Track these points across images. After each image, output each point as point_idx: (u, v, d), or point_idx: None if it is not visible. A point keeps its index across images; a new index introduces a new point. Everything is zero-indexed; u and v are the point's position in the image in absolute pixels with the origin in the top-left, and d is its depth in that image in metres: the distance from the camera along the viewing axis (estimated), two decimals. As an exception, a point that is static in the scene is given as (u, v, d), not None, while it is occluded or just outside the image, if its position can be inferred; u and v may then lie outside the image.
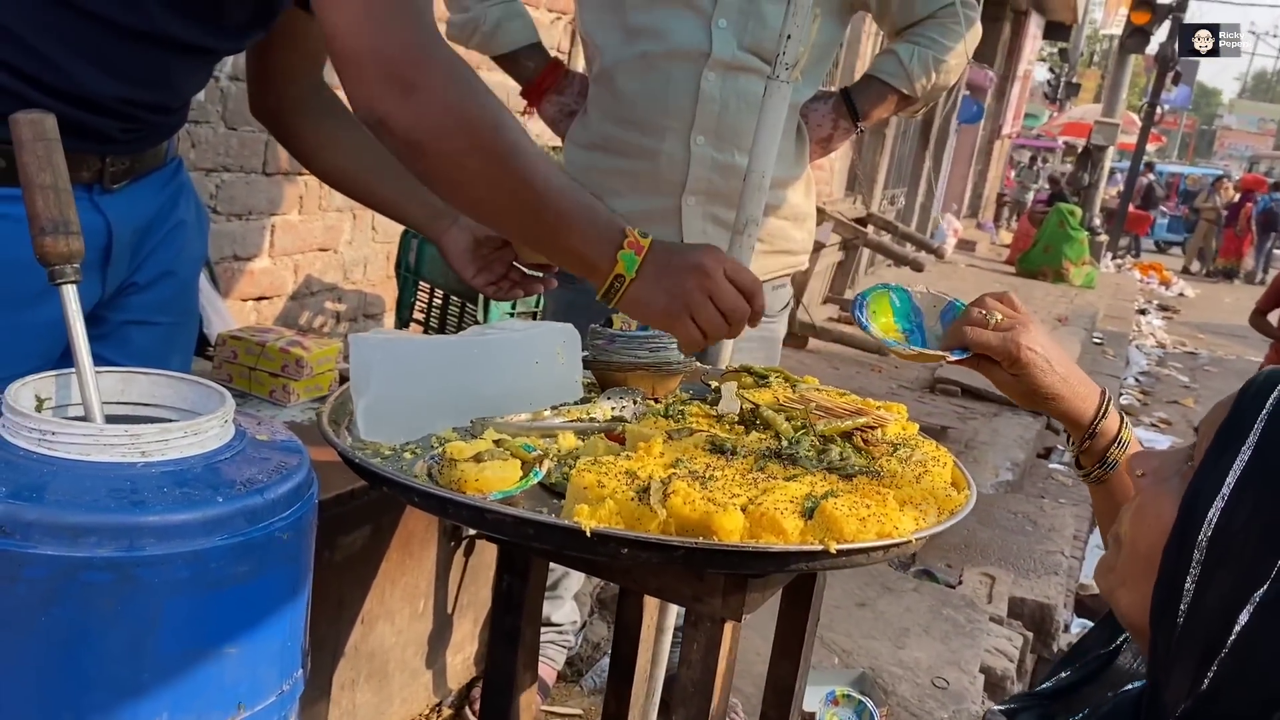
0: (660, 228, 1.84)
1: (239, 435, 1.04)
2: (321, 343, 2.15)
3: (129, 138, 1.23)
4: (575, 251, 1.15)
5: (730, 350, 1.83)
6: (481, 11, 1.90)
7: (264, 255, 2.71)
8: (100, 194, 1.22)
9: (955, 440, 5.66)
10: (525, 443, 1.21)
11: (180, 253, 1.37)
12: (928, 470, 1.26)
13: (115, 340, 1.30)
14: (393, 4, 1.00)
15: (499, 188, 1.07)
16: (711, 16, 1.77)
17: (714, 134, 1.82)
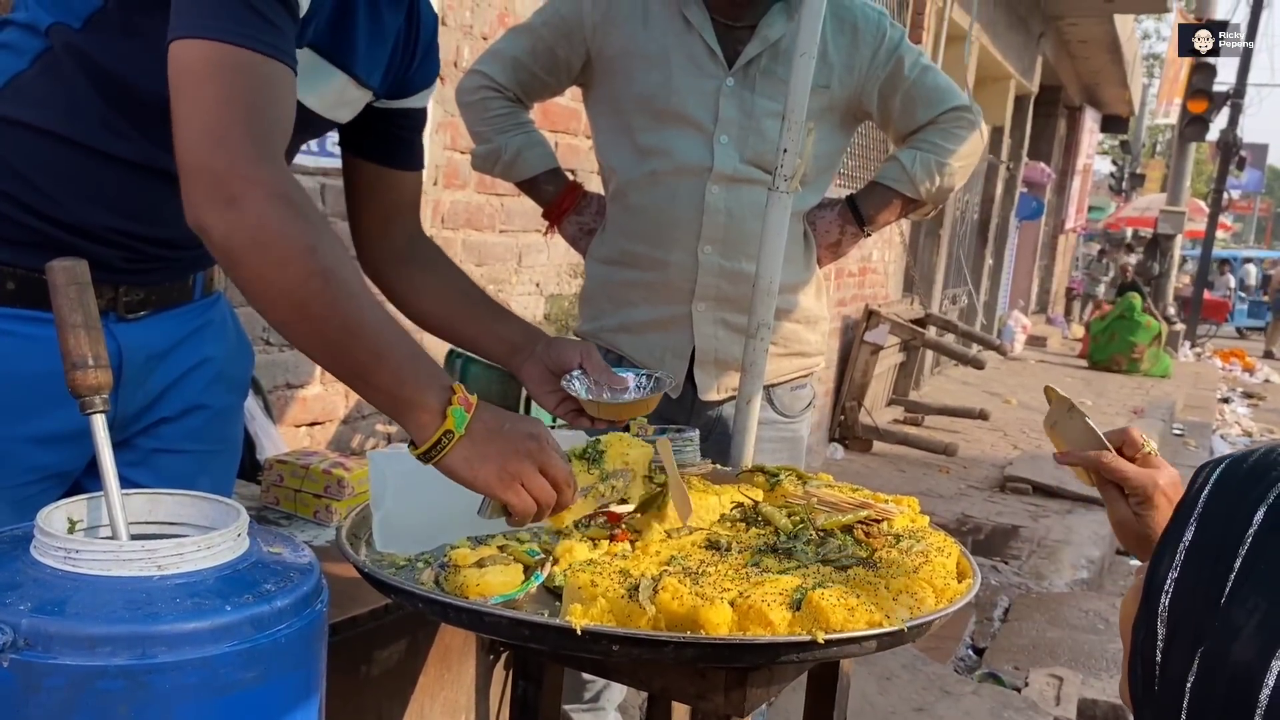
0: (673, 334, 1.91)
1: (252, 548, 1.11)
2: (363, 462, 2.24)
3: (136, 269, 1.28)
4: (389, 392, 1.10)
5: (750, 450, 1.86)
6: (503, 142, 2.02)
7: (315, 382, 2.83)
8: (115, 322, 1.27)
9: (1028, 539, 5.53)
10: (530, 548, 1.25)
11: (210, 386, 1.41)
12: (929, 560, 1.27)
13: (147, 467, 1.37)
14: (227, 125, 1.04)
15: (304, 311, 1.06)
16: (714, 133, 1.87)
17: (721, 243, 1.89)
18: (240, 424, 1.59)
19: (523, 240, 3.57)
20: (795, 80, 1.69)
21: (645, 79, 1.87)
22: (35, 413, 1.21)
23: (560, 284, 3.82)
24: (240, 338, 1.52)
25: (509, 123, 2.02)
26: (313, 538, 2.04)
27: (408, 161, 1.53)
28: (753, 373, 1.81)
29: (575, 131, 3.73)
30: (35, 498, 1.26)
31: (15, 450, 1.24)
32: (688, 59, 1.86)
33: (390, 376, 1.09)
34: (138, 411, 1.35)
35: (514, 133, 2.02)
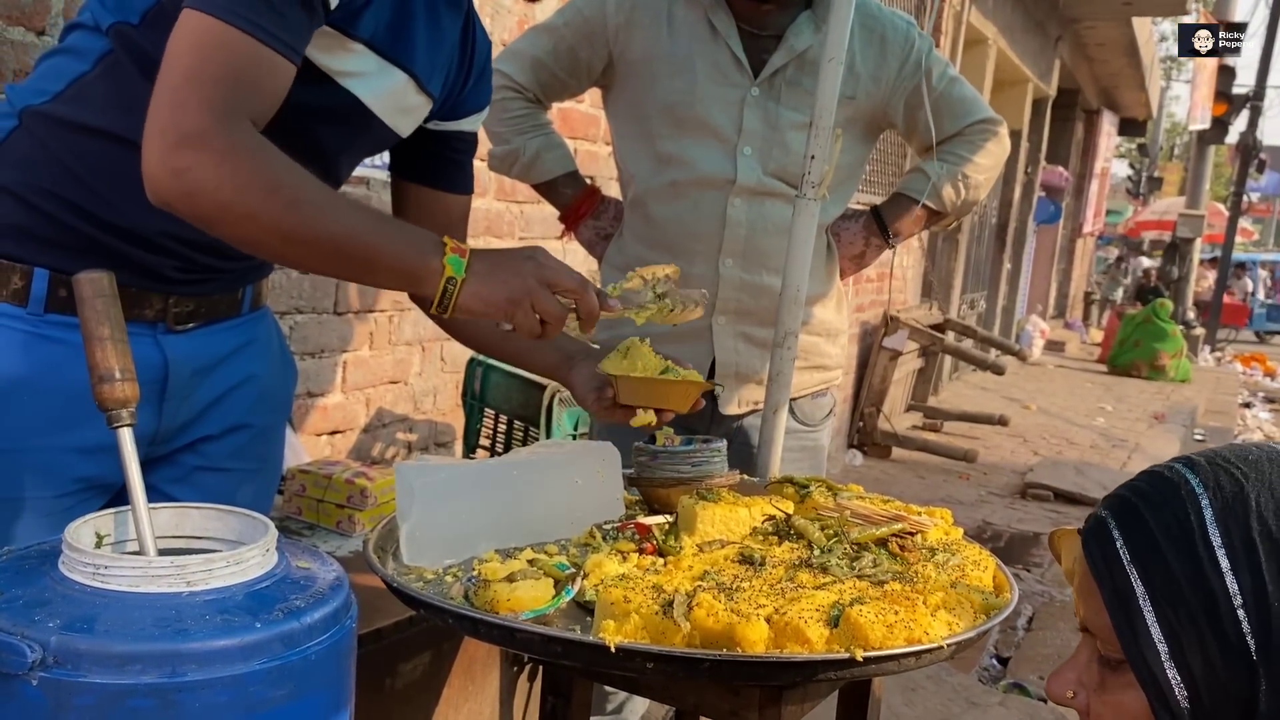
0: (692, 346, 1.89)
1: (281, 563, 1.09)
2: (386, 472, 2.22)
3: (188, 279, 1.28)
4: (395, 270, 1.18)
5: (778, 461, 1.84)
6: (521, 144, 2.00)
7: (336, 390, 2.82)
8: (164, 333, 1.27)
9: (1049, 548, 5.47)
10: (559, 561, 1.23)
11: (254, 405, 1.40)
12: (966, 574, 1.25)
13: (189, 483, 1.36)
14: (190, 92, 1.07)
15: (293, 243, 1.13)
16: (736, 144, 1.85)
17: (741, 256, 1.88)
18: (282, 442, 1.57)
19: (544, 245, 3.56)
20: (823, 86, 1.67)
21: (668, 85, 1.85)
22: (80, 423, 1.20)
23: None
24: (284, 355, 1.51)
25: (528, 124, 2.00)
26: (336, 548, 2.03)
27: (459, 184, 1.56)
28: (779, 382, 1.79)
29: (594, 138, 3.72)
30: (75, 509, 1.25)
31: (59, 461, 1.23)
32: (712, 67, 1.84)
33: (391, 263, 1.17)
34: (181, 425, 1.34)
35: (533, 134, 2.00)
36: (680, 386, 1.48)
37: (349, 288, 2.74)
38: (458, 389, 3.15)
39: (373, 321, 2.86)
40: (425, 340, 3.06)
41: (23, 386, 1.20)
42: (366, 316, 2.84)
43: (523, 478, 1.43)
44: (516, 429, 2.78)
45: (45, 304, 1.21)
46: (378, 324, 2.88)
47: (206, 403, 1.36)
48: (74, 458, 1.24)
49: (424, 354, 3.08)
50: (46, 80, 1.22)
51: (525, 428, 2.76)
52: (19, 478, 1.23)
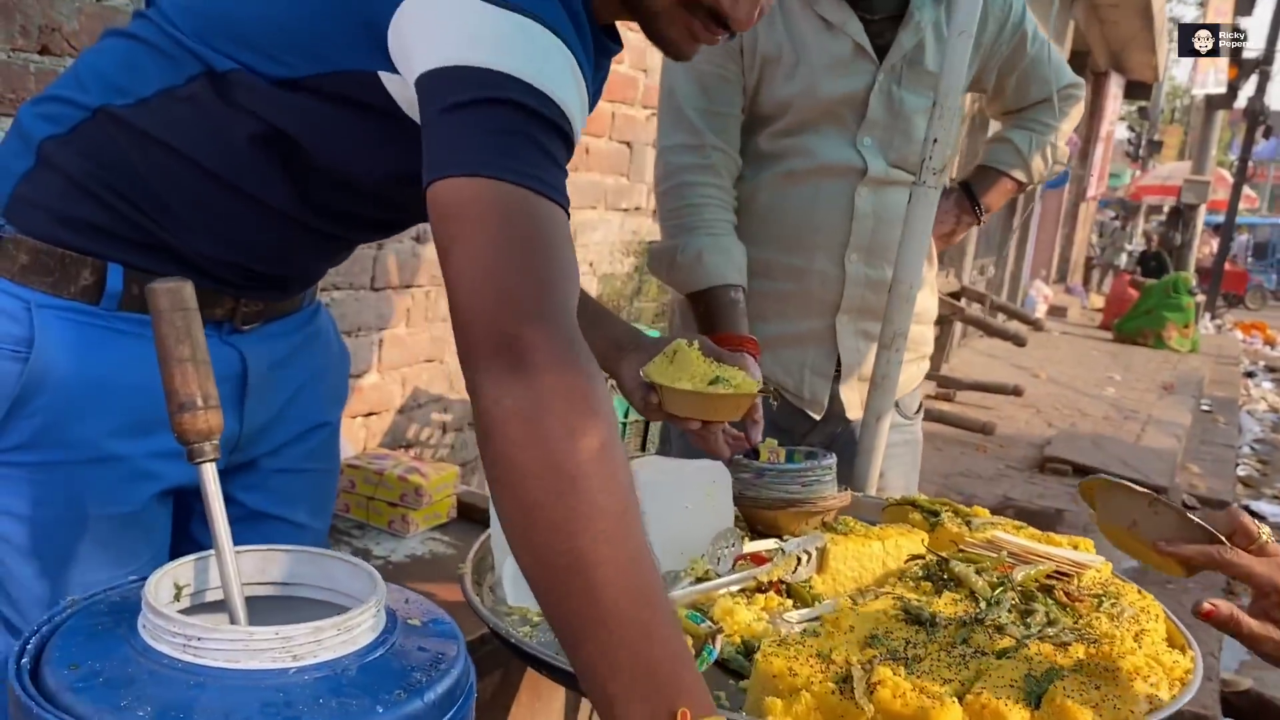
0: (814, 349, 1.73)
1: (390, 622, 0.94)
2: (439, 468, 2.08)
3: (258, 286, 1.17)
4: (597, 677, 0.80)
5: (879, 459, 1.70)
6: (683, 242, 1.65)
7: (373, 371, 2.66)
8: (230, 332, 1.15)
9: (1072, 525, 5.38)
10: (691, 612, 1.09)
11: (328, 401, 1.32)
12: (1144, 629, 1.11)
13: (263, 489, 1.25)
14: (510, 273, 0.85)
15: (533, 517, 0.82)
16: (856, 134, 1.68)
17: (866, 250, 1.71)
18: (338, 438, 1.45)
19: (577, 218, 3.39)
20: (951, 62, 1.51)
21: (787, 84, 1.65)
22: (163, 424, 1.06)
23: (614, 263, 3.64)
24: (341, 346, 1.39)
25: (698, 218, 1.65)
26: (390, 552, 1.89)
27: None
28: (884, 386, 1.65)
29: (632, 101, 3.53)
30: (143, 517, 1.13)
31: (142, 469, 1.10)
32: (831, 59, 1.65)
33: (608, 659, 0.78)
34: (262, 428, 1.22)
35: (701, 232, 1.64)
36: (730, 400, 1.33)
37: (387, 261, 2.57)
38: (493, 367, 2.99)
39: (410, 297, 2.70)
40: (461, 316, 2.90)
41: (99, 388, 1.06)
42: (404, 292, 2.67)
43: (630, 503, 1.27)
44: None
45: (119, 301, 1.07)
46: (415, 300, 2.72)
47: (283, 402, 1.24)
48: (158, 464, 1.10)
49: (460, 331, 2.93)
50: (130, 78, 1.05)
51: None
52: (96, 493, 1.08)
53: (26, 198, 1.07)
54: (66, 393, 1.04)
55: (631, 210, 3.67)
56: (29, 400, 1.03)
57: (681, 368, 1.34)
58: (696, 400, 1.31)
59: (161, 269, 1.05)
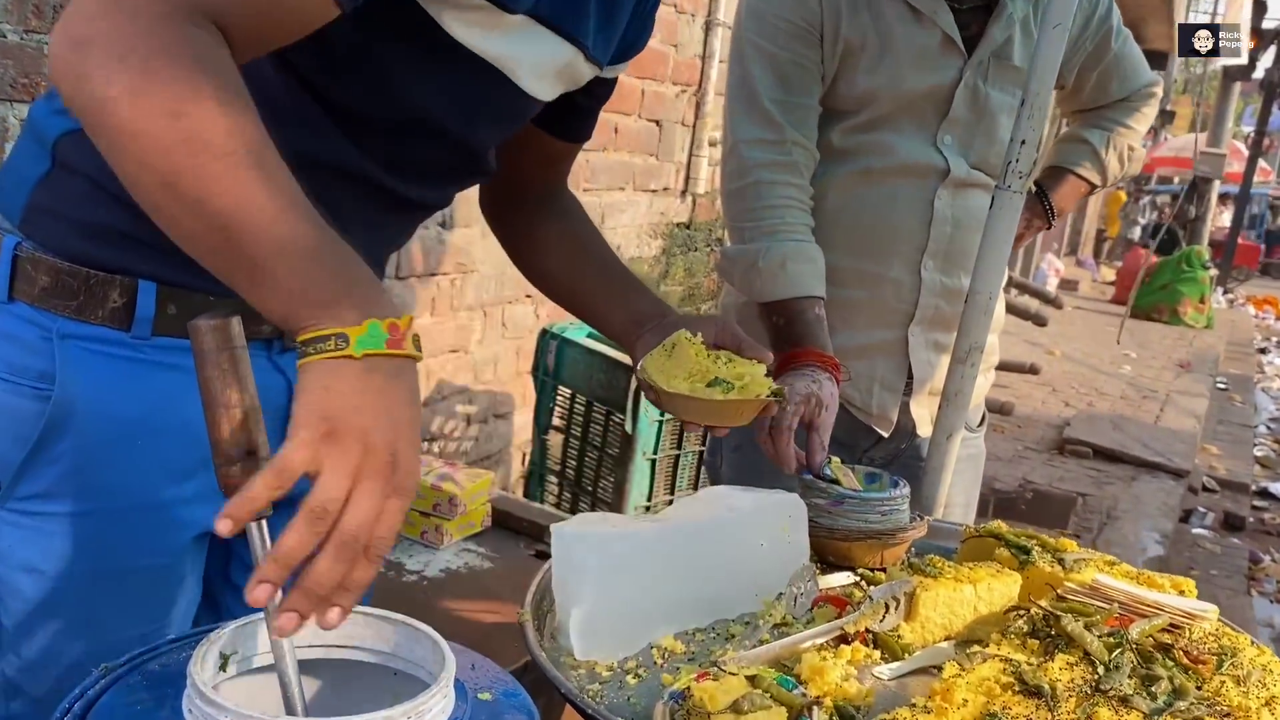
0: (883, 362, 1.62)
1: (461, 699, 0.85)
2: (473, 475, 1.98)
3: None
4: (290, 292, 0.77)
5: (948, 480, 1.60)
6: (763, 246, 1.51)
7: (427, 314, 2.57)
8: (279, 353, 1.05)
9: (1095, 509, 5.30)
10: (781, 675, 0.99)
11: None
12: (1275, 696, 1.02)
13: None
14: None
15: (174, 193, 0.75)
16: (937, 132, 1.55)
17: (943, 257, 1.60)
18: None
19: (605, 199, 3.27)
20: (1043, 58, 1.40)
21: (869, 75, 1.52)
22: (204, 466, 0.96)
23: (641, 246, 3.52)
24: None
25: (780, 220, 1.52)
26: (424, 564, 1.80)
27: (578, 132, 1.29)
28: (957, 403, 1.54)
29: (662, 78, 3.40)
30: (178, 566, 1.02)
31: (181, 516, 0.99)
32: (918, 50, 1.52)
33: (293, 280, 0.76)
34: None
35: (783, 237, 1.51)
36: (731, 406, 1.18)
37: (411, 248, 2.46)
38: (518, 356, 2.89)
39: (435, 286, 2.59)
40: (487, 305, 2.80)
41: (131, 430, 0.95)
42: (429, 281, 2.56)
43: (703, 543, 1.18)
44: (596, 411, 2.53)
45: (152, 325, 0.95)
46: (440, 289, 2.61)
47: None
48: (196, 509, 1.00)
49: (485, 319, 2.82)
50: None
51: (607, 412, 2.51)
52: (129, 544, 0.98)
53: (45, 206, 0.95)
54: (95, 435, 0.94)
55: (660, 191, 3.55)
56: (51, 444, 0.93)
57: (679, 364, 1.18)
58: (693, 404, 1.16)
59: (198, 281, 0.92)
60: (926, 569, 1.21)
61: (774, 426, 1.35)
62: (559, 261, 1.29)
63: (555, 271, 1.30)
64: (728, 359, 1.19)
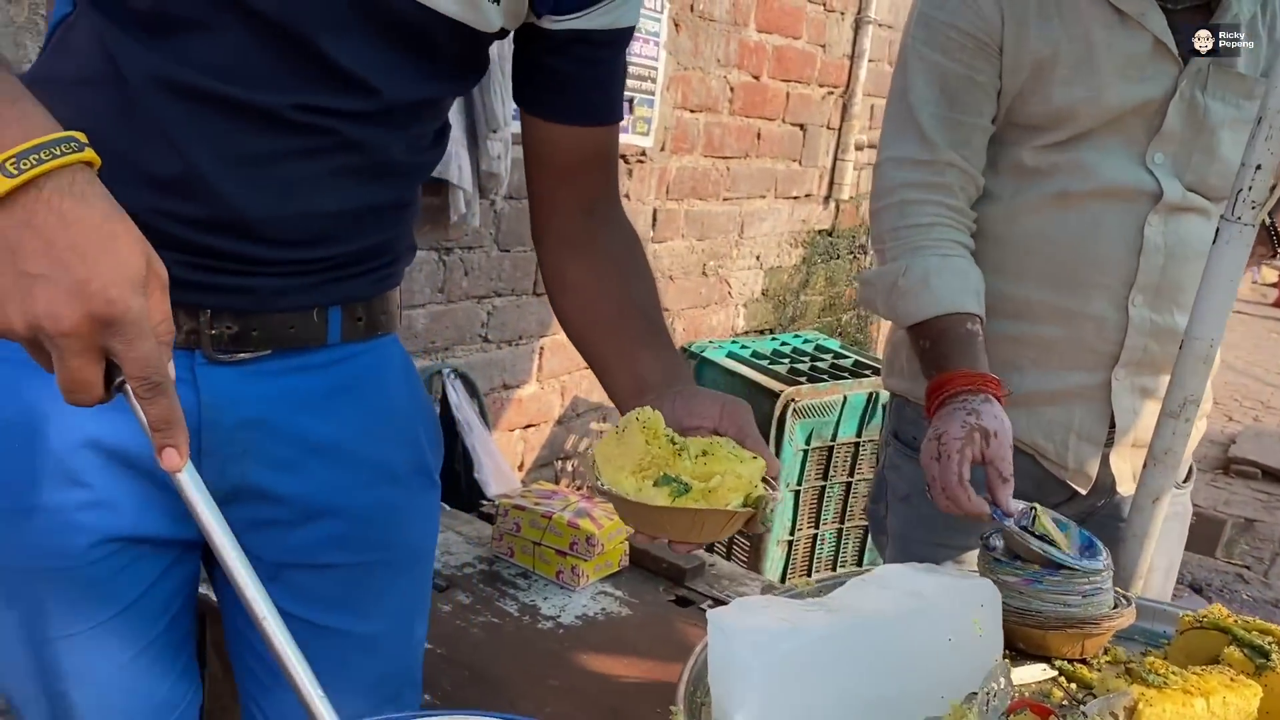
0: (1081, 409, 1.42)
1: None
2: (612, 511, 1.87)
3: (213, 282, 0.87)
4: None
5: (1151, 548, 1.41)
6: (907, 263, 1.34)
7: (532, 380, 2.48)
8: (202, 363, 0.88)
9: (1267, 538, 4.90)
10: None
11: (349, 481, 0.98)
12: None
13: (280, 583, 0.98)
14: None
15: None
16: (1146, 149, 1.35)
17: (1154, 292, 1.39)
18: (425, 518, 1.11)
19: (746, 208, 3.13)
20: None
21: (1065, 89, 1.33)
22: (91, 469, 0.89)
23: (780, 255, 3.37)
24: (414, 403, 1.07)
25: (929, 236, 1.36)
26: (560, 609, 1.70)
27: (583, 112, 1.01)
28: (1167, 462, 1.35)
29: (809, 79, 3.23)
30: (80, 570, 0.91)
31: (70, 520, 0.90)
32: (1124, 58, 1.33)
33: None
34: (232, 493, 0.94)
35: (930, 251, 1.34)
36: (683, 518, 0.84)
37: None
38: (655, 373, 2.78)
39: (572, 302, 2.50)
40: (624, 320, 2.69)
41: (13, 429, 0.88)
42: (566, 298, 2.47)
43: (878, 637, 1.03)
44: (738, 438, 2.40)
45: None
46: (577, 305, 2.52)
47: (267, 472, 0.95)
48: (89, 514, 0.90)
49: (622, 335, 2.72)
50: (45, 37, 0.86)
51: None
52: (35, 541, 0.90)
53: None
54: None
55: (802, 198, 3.39)
56: None
57: (628, 451, 0.87)
58: (629, 509, 0.85)
59: None
60: (1147, 676, 1.03)
61: (942, 481, 1.19)
62: (575, 305, 1.06)
63: (570, 316, 1.06)
64: (701, 451, 0.86)
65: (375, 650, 1.03)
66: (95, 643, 0.93)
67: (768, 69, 3.05)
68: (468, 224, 2.14)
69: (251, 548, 0.97)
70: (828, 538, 2.57)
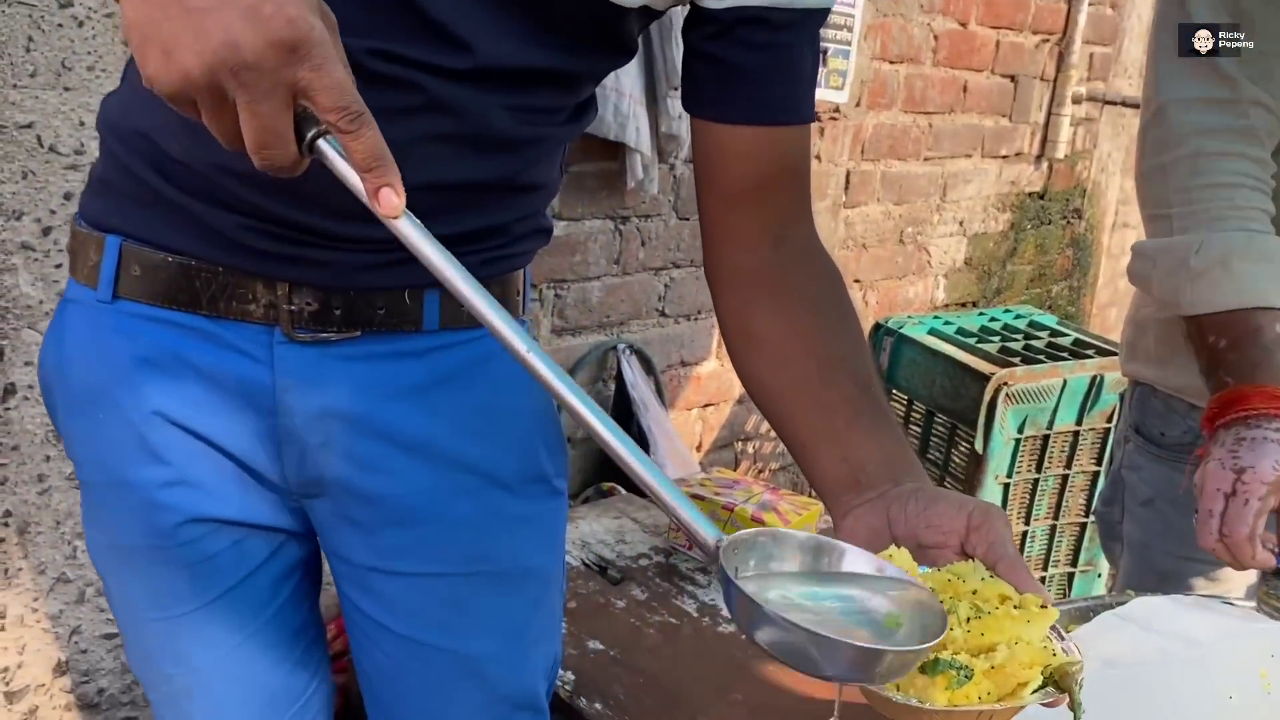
0: None
1: None
2: (800, 505, 1.71)
3: (285, 252, 0.77)
4: None
5: None
6: (1203, 237, 1.10)
7: (711, 357, 2.33)
8: (281, 340, 0.79)
9: None
10: None
11: (450, 488, 0.86)
12: None
13: (369, 591, 0.90)
14: None
15: None
16: None
17: None
18: (544, 531, 0.95)
19: (949, 168, 2.87)
20: None
21: None
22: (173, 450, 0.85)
23: (986, 220, 3.09)
24: (530, 401, 0.90)
25: (1230, 204, 1.11)
26: (740, 613, 1.56)
27: (762, 109, 0.81)
28: None
29: (1020, 26, 2.93)
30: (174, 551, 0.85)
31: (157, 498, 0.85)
32: None
33: None
34: (312, 484, 0.85)
35: (1231, 223, 1.10)
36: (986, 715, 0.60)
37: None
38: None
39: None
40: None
41: (96, 400, 0.84)
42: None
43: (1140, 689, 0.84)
44: (939, 424, 2.18)
45: (114, 286, 0.81)
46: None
47: (352, 468, 0.84)
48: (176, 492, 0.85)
49: (811, 309, 2.53)
50: None
51: (952, 425, 2.15)
52: (123, 520, 0.87)
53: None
54: (65, 403, 0.87)
55: (1012, 157, 3.09)
56: (53, 409, 0.90)
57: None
58: (895, 711, 0.60)
59: (164, 237, 0.79)
60: None
61: (1229, 526, 0.97)
62: (764, 366, 0.83)
63: (758, 379, 0.84)
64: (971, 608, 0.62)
65: (479, 674, 0.91)
66: (194, 628, 0.88)
67: (976, 15, 2.77)
68: (645, 191, 2.00)
69: (339, 548, 0.90)
70: (1039, 535, 2.33)
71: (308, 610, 0.95)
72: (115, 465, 0.84)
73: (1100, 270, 3.68)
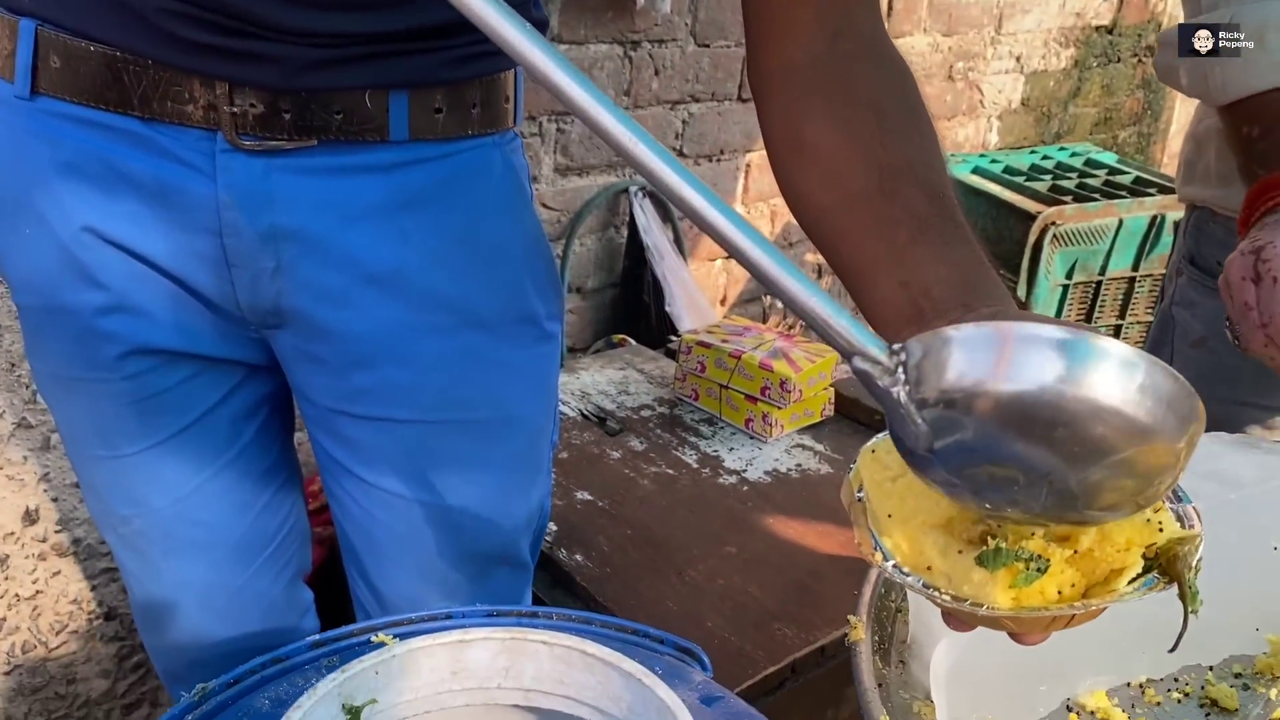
0: None
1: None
2: (814, 352, 1.57)
3: (228, 47, 0.65)
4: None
5: None
6: (1233, 10, 0.93)
7: (737, 202, 2.17)
8: (224, 148, 0.68)
9: None
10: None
11: (422, 325, 0.76)
12: None
13: (334, 434, 0.82)
14: None
15: None
16: None
17: None
18: (531, 377, 0.85)
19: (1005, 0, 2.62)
20: None
21: None
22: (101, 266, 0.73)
23: (1047, 57, 2.83)
24: (518, 229, 0.80)
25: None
26: (745, 464, 1.44)
27: None
28: None
29: None
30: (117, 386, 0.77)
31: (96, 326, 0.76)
32: None
33: None
34: (270, 314, 0.75)
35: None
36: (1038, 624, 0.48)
37: (756, 63, 2.03)
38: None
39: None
40: (849, 132, 2.31)
41: (17, 211, 0.73)
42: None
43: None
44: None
45: (32, 79, 0.69)
46: (791, 112, 2.16)
47: (308, 299, 0.74)
48: (110, 321, 0.75)
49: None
50: None
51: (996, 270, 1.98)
52: (66, 348, 0.78)
53: None
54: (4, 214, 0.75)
55: (1077, -15, 2.82)
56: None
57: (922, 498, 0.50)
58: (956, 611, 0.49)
59: (84, 23, 0.67)
60: None
61: (1264, 309, 0.83)
62: (815, 177, 0.66)
63: (807, 194, 0.67)
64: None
65: (454, 526, 0.82)
66: (146, 468, 0.80)
67: None
68: (657, 11, 1.82)
69: (303, 387, 0.80)
70: (1087, 391, 2.17)
71: (278, 451, 0.87)
72: (47, 288, 0.75)
73: (1174, 115, 3.40)
